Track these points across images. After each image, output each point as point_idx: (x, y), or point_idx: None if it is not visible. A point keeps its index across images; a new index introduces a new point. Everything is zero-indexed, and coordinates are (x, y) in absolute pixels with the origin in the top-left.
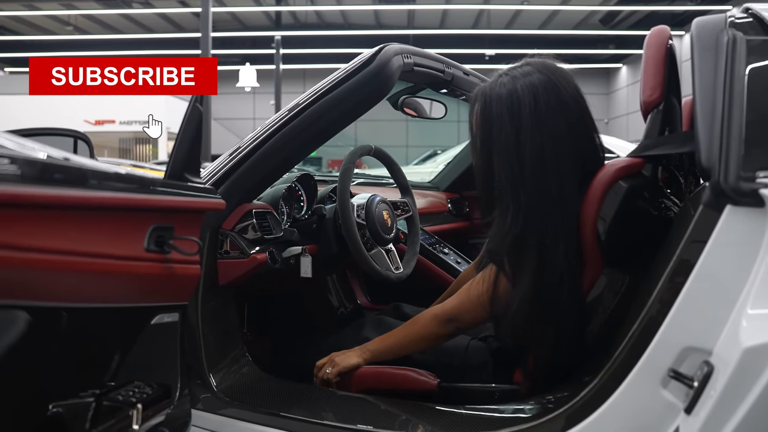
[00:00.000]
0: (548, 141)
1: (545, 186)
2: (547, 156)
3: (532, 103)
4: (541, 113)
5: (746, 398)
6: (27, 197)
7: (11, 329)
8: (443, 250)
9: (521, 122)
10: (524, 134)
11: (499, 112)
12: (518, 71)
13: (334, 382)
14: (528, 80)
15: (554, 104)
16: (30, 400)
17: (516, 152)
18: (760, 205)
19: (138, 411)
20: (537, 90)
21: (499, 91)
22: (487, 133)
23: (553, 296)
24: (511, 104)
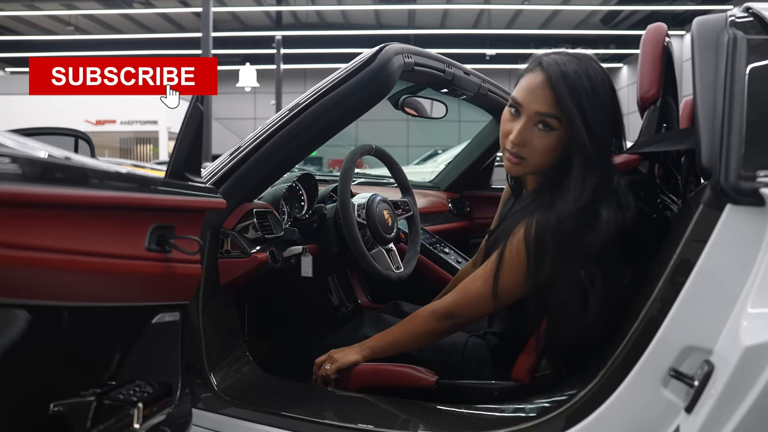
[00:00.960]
0: (612, 125)
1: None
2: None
3: (604, 87)
4: (609, 96)
5: (746, 397)
6: (28, 196)
7: (13, 328)
8: (444, 250)
9: (600, 100)
10: (604, 113)
11: (586, 88)
12: (575, 57)
13: (333, 378)
14: (593, 65)
15: (609, 91)
16: (31, 399)
17: (601, 125)
18: (761, 204)
19: (139, 410)
20: (601, 77)
21: (576, 67)
22: (584, 103)
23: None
24: (596, 82)
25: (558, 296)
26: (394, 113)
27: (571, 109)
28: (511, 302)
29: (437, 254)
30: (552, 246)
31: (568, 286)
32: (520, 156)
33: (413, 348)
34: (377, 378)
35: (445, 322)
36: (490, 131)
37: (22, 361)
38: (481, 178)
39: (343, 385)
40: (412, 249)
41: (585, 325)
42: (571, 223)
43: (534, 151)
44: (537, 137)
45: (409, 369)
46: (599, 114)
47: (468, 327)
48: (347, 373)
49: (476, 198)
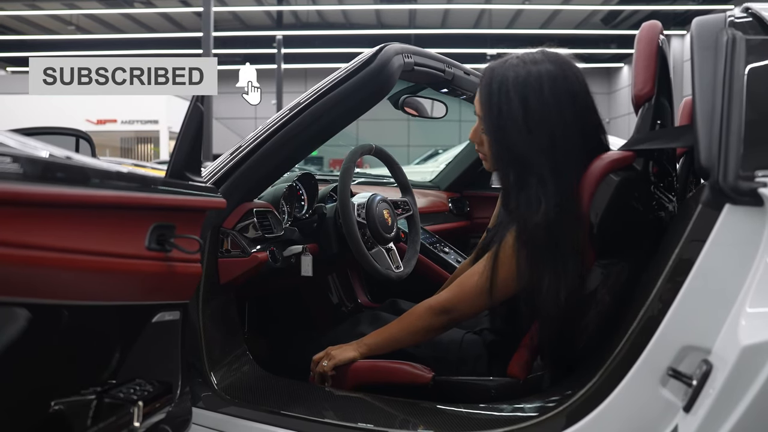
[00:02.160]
0: (555, 127)
1: (553, 166)
2: (557, 140)
3: (539, 90)
4: (546, 103)
5: (744, 396)
6: (29, 195)
7: (13, 327)
8: (444, 249)
9: (528, 106)
10: (531, 119)
11: (506, 91)
12: (529, 57)
13: (330, 375)
14: (537, 68)
15: (560, 96)
16: (32, 397)
17: (526, 131)
18: (759, 204)
19: (139, 408)
20: (543, 79)
21: (507, 72)
22: (496, 110)
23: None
24: (519, 87)
25: (543, 295)
26: (395, 113)
27: (486, 112)
28: (506, 298)
29: (437, 254)
30: (531, 249)
31: (552, 286)
32: (482, 152)
33: (410, 344)
34: (374, 375)
35: (441, 318)
36: None
37: (23, 360)
38: (481, 178)
39: (340, 382)
40: (412, 248)
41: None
42: (538, 231)
43: (486, 150)
44: (485, 138)
45: (406, 365)
46: (528, 118)
47: (464, 323)
48: (344, 370)
49: (476, 198)
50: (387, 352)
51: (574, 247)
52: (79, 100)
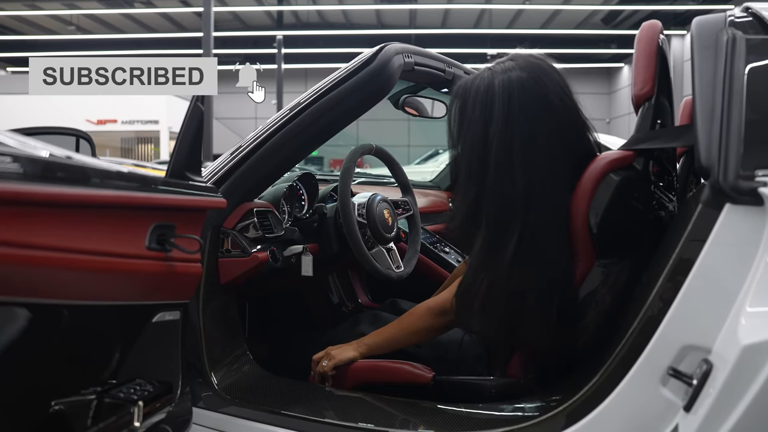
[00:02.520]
0: (517, 139)
1: (509, 184)
2: (514, 154)
3: (506, 100)
4: (513, 111)
5: (745, 396)
6: (29, 195)
7: (14, 327)
8: (444, 249)
9: (492, 119)
10: (492, 131)
11: (473, 107)
12: (500, 66)
13: (330, 375)
14: (506, 76)
15: (530, 102)
16: (32, 397)
17: (482, 148)
18: (759, 204)
19: (139, 408)
20: (513, 87)
21: (478, 85)
22: (459, 126)
23: (521, 288)
24: (485, 100)
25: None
26: (395, 113)
27: (451, 126)
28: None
29: (437, 254)
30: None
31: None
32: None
33: (410, 345)
34: (374, 374)
35: (440, 319)
36: None
37: (23, 360)
38: None
39: (340, 382)
40: (413, 248)
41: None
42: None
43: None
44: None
45: (406, 365)
46: (491, 130)
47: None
48: (344, 369)
49: None
50: (387, 352)
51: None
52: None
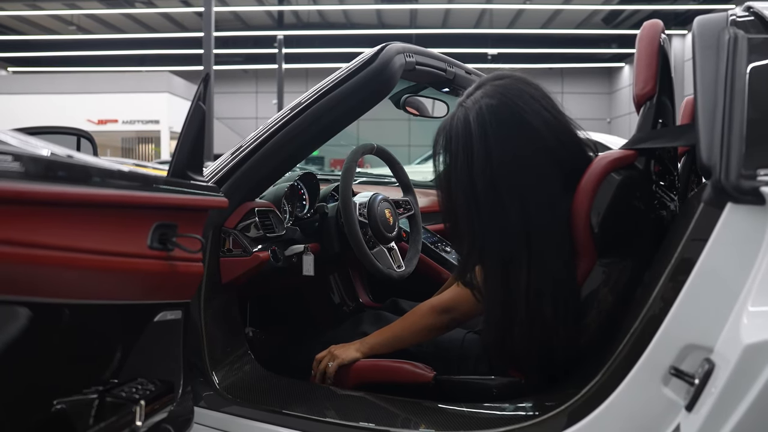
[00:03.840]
0: (499, 169)
1: (502, 217)
2: (499, 185)
3: (482, 135)
4: (489, 143)
5: (747, 395)
6: (31, 194)
7: (15, 325)
8: (445, 249)
9: (473, 158)
10: (476, 169)
11: (456, 150)
12: (470, 100)
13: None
14: (476, 108)
15: (507, 128)
16: (34, 396)
17: (471, 189)
18: (761, 203)
19: (141, 407)
20: (485, 118)
21: (456, 126)
22: (446, 174)
23: (528, 314)
24: (465, 143)
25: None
26: (396, 113)
27: (436, 169)
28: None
29: (439, 253)
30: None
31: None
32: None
33: (413, 344)
34: (375, 374)
35: (443, 317)
36: None
37: (25, 359)
38: None
39: (342, 381)
40: (414, 248)
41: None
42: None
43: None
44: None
45: (407, 364)
46: (474, 161)
47: (465, 323)
48: (346, 369)
49: None
50: (389, 351)
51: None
52: (80, 100)
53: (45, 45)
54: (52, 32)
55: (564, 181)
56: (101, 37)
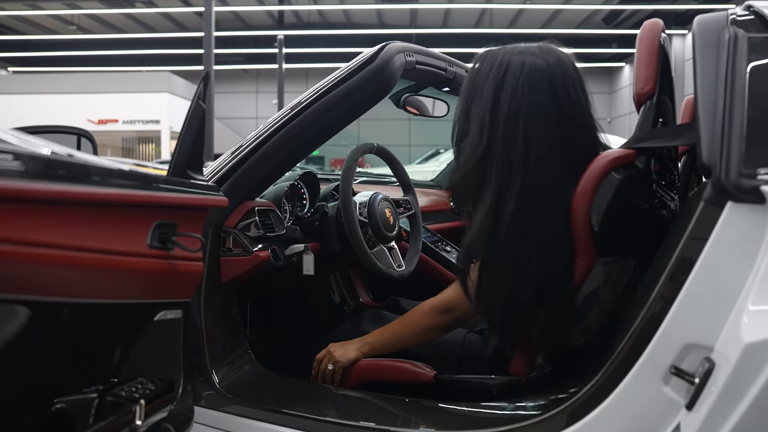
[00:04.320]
0: (524, 113)
1: (512, 146)
2: (520, 121)
3: (518, 72)
4: (520, 84)
5: (747, 394)
6: (31, 192)
7: (15, 325)
8: (445, 248)
9: (504, 84)
10: (504, 93)
11: (487, 72)
12: (517, 47)
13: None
14: (521, 57)
15: (537, 88)
16: (34, 395)
17: (494, 108)
18: (761, 202)
19: (141, 407)
20: (526, 64)
21: (498, 54)
22: (472, 86)
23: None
24: (499, 70)
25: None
26: (396, 112)
27: (463, 90)
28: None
29: (439, 252)
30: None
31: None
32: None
33: (414, 344)
34: (375, 373)
35: (444, 317)
36: None
37: (25, 358)
38: None
39: (342, 381)
40: (414, 247)
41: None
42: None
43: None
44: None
45: (407, 364)
46: (489, 106)
47: (466, 323)
48: (346, 369)
49: None
50: (390, 351)
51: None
52: (80, 99)
53: (45, 45)
54: (53, 32)
55: (572, 169)
56: (101, 36)
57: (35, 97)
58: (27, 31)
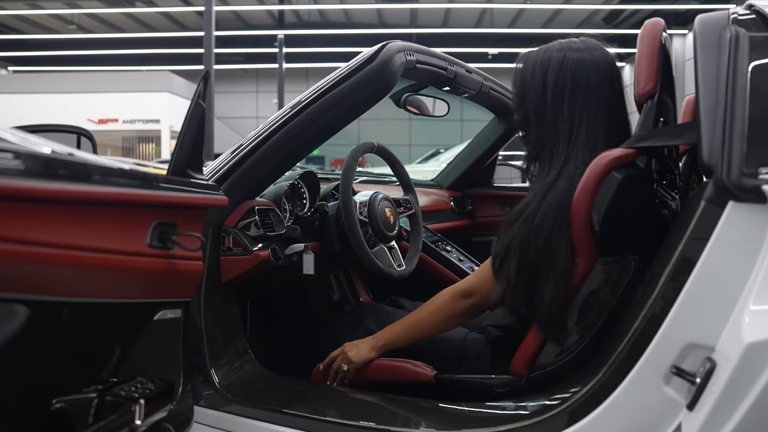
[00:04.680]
0: (581, 101)
1: (558, 128)
2: (565, 104)
3: (559, 62)
4: (564, 84)
5: (748, 394)
6: (31, 191)
7: (14, 324)
8: (446, 248)
9: (547, 73)
10: (550, 76)
11: (533, 68)
12: (558, 44)
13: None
14: (561, 54)
15: (580, 80)
16: (33, 395)
17: (542, 94)
18: (762, 201)
19: (141, 406)
20: (569, 58)
21: (545, 54)
22: (521, 85)
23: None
24: (543, 65)
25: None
26: (397, 112)
27: (514, 86)
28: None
29: (439, 252)
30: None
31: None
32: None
33: (433, 334)
34: (376, 373)
35: (464, 302)
36: (492, 130)
37: (25, 358)
38: (483, 177)
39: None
40: (414, 247)
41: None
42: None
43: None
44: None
45: (408, 363)
46: (530, 94)
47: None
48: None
49: (478, 196)
50: (408, 344)
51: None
52: (80, 99)
53: (45, 44)
54: (53, 31)
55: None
56: (102, 36)
57: (35, 96)
58: (27, 30)
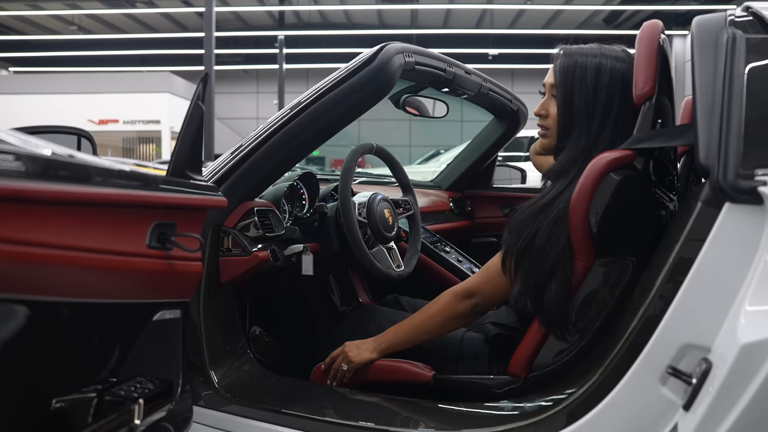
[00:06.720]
0: (616, 101)
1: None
2: (614, 104)
3: (596, 67)
4: (597, 89)
5: (744, 394)
6: (31, 192)
7: (14, 324)
8: (445, 249)
9: (599, 78)
10: (601, 80)
11: (583, 68)
12: (607, 49)
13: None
14: (610, 62)
15: (626, 92)
16: (33, 395)
17: (594, 90)
18: (759, 203)
19: (140, 406)
20: (605, 69)
21: (573, 53)
22: (571, 81)
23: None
24: (594, 68)
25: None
26: (396, 113)
27: (560, 81)
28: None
29: (438, 253)
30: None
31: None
32: (544, 127)
33: (435, 335)
34: (374, 373)
35: (466, 302)
36: (491, 131)
37: (24, 358)
38: (482, 178)
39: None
40: (413, 248)
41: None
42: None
43: (552, 118)
44: (552, 105)
45: (406, 364)
46: (580, 96)
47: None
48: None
49: (477, 197)
50: (411, 346)
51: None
52: (81, 100)
53: (46, 45)
54: (53, 32)
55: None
56: (102, 37)
57: (36, 97)
58: (28, 31)
